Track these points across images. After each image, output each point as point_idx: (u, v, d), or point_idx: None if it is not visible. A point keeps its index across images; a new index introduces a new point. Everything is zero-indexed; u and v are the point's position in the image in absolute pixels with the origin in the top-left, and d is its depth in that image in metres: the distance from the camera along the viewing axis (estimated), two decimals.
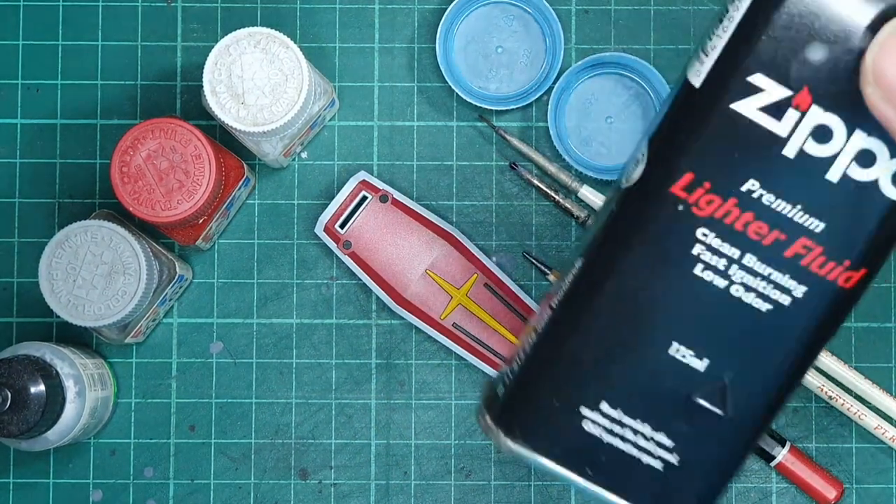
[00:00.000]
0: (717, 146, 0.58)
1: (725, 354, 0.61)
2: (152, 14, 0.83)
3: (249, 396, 0.82)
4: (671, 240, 0.59)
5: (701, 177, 0.59)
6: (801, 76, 0.57)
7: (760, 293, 0.60)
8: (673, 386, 0.61)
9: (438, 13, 0.83)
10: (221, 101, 0.75)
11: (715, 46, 0.58)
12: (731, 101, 0.57)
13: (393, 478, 0.81)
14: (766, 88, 0.57)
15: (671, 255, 0.60)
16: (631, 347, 0.61)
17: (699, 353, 0.61)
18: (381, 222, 0.80)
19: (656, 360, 0.61)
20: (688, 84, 0.59)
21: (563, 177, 0.82)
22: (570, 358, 0.62)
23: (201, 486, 0.81)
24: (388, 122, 0.83)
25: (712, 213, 0.59)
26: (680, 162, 0.59)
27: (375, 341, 0.82)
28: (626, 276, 0.60)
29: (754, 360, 0.61)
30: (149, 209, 0.75)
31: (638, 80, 0.82)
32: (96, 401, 0.78)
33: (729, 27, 0.57)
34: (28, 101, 0.83)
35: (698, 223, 0.59)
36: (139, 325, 0.78)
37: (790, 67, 0.57)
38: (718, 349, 0.61)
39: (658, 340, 0.61)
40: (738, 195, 0.59)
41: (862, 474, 0.81)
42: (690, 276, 0.60)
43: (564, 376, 0.62)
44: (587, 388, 0.62)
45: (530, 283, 0.82)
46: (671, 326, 0.61)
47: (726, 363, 0.61)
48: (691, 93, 0.58)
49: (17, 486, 0.81)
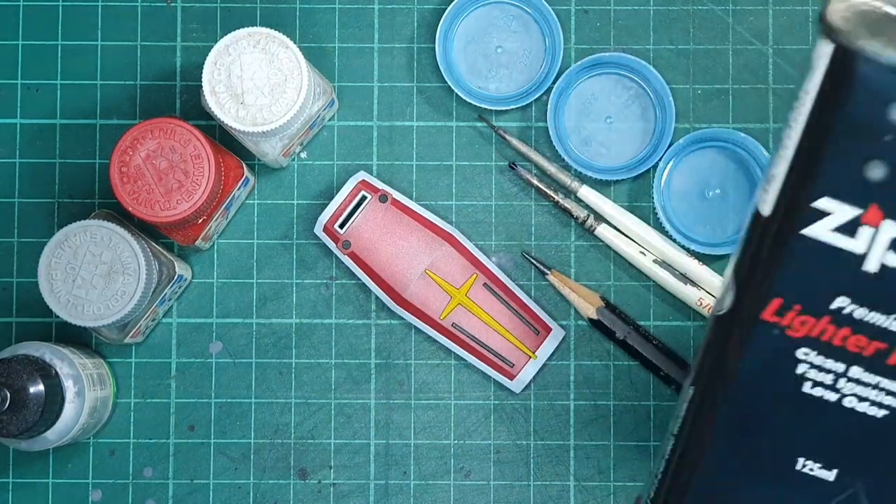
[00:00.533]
0: (798, 270, 0.59)
1: (852, 462, 0.62)
2: (152, 14, 0.83)
3: (249, 396, 0.82)
4: (773, 363, 0.60)
5: (789, 301, 0.59)
6: (867, 195, 0.57)
7: (873, 401, 0.61)
8: (808, 499, 0.62)
9: (438, 13, 0.83)
10: (221, 101, 0.75)
11: (776, 175, 0.58)
12: (800, 228, 0.58)
13: (392, 478, 0.81)
14: (833, 211, 0.58)
15: (776, 378, 0.61)
16: (758, 469, 0.62)
17: (827, 465, 0.62)
18: (380, 222, 0.80)
19: (786, 477, 0.62)
20: (758, 213, 0.59)
21: (562, 177, 0.82)
22: (701, 485, 0.63)
23: (201, 486, 0.81)
24: (387, 123, 0.83)
25: (808, 333, 0.60)
26: (765, 289, 0.59)
27: (375, 341, 0.82)
28: (737, 404, 0.61)
29: (881, 464, 0.61)
30: (148, 209, 0.75)
31: (637, 80, 0.82)
32: (95, 401, 0.78)
33: (786, 155, 0.57)
34: (28, 101, 0.83)
35: (797, 344, 0.60)
36: (138, 325, 0.78)
37: (853, 189, 0.57)
38: (844, 459, 0.62)
39: (783, 458, 0.62)
40: (831, 313, 0.59)
41: None
42: (800, 395, 0.61)
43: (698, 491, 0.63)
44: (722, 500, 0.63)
45: (530, 283, 0.82)
46: (792, 444, 0.62)
47: (855, 470, 0.62)
48: (762, 221, 0.59)
49: (16, 485, 0.81)
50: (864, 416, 0.61)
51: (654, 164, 0.82)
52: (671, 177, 0.82)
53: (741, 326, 0.61)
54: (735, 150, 0.81)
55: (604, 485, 0.81)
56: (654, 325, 0.82)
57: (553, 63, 0.82)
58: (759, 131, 0.82)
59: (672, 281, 0.81)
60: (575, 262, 0.82)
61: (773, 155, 0.59)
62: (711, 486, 0.63)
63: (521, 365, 0.80)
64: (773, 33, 0.83)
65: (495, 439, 0.81)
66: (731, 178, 0.82)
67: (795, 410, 0.61)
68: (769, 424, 0.62)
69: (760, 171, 0.81)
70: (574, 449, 0.81)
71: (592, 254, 0.82)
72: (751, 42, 0.83)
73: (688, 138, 0.81)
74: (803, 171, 0.57)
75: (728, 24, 0.83)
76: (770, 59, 0.83)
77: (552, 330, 0.81)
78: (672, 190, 0.82)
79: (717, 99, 0.82)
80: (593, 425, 0.81)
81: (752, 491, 0.63)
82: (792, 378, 0.61)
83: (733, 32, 0.83)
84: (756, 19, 0.83)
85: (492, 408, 0.82)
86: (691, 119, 0.82)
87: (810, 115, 0.57)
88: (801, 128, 0.57)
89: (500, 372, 0.80)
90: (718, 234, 0.81)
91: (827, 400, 0.61)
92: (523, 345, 0.80)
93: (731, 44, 0.83)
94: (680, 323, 0.82)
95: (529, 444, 0.81)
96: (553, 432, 0.81)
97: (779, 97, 0.82)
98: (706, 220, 0.82)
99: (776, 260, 0.59)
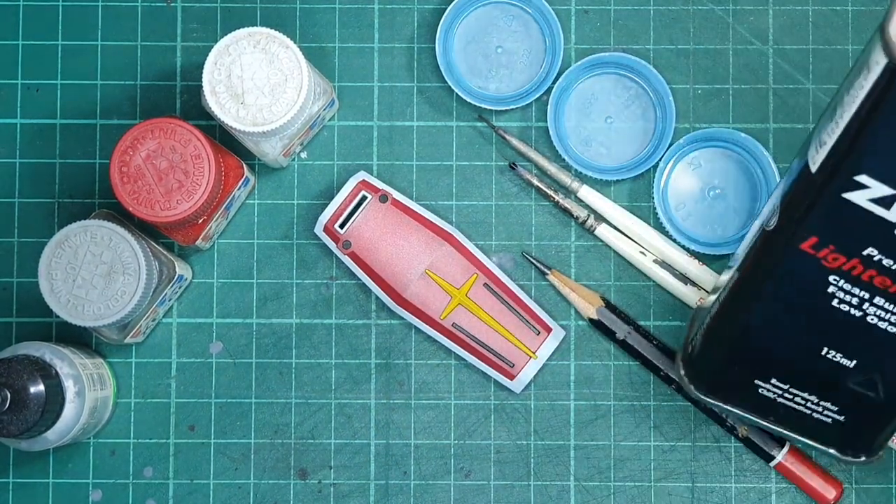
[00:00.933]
0: (835, 221, 0.67)
1: (870, 357, 0.72)
2: (152, 14, 0.83)
3: (249, 396, 0.82)
4: (808, 280, 0.69)
5: (824, 240, 0.68)
6: None
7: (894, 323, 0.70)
8: (830, 374, 0.73)
9: (438, 13, 0.83)
10: (221, 101, 0.75)
11: (825, 142, 0.66)
12: (842, 192, 0.66)
13: (392, 478, 0.81)
14: (872, 186, 0.65)
15: (809, 290, 0.70)
16: (788, 345, 0.72)
17: (848, 356, 0.72)
18: (380, 222, 0.80)
19: (812, 357, 0.72)
20: (807, 165, 0.67)
21: (562, 177, 0.82)
22: (738, 347, 0.73)
23: (201, 486, 0.81)
24: (387, 122, 0.83)
25: (840, 267, 0.68)
26: (804, 227, 0.68)
27: (375, 341, 0.82)
28: (772, 297, 0.71)
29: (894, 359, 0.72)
30: (148, 209, 0.75)
31: (637, 80, 0.82)
32: (96, 401, 0.78)
33: (836, 130, 0.65)
34: (28, 101, 0.83)
35: (829, 272, 0.69)
36: (139, 325, 0.78)
37: (891, 172, 0.65)
38: (863, 354, 0.72)
39: (810, 345, 0.72)
40: (861, 257, 0.68)
41: (861, 474, 0.81)
42: (829, 306, 0.70)
43: (734, 358, 0.74)
44: (756, 370, 0.74)
45: (530, 283, 0.82)
46: (819, 337, 0.71)
47: (872, 363, 0.72)
48: (809, 174, 0.67)
49: (16, 485, 0.81)
50: (883, 330, 0.70)
51: (654, 164, 0.82)
52: (671, 177, 0.82)
53: (782, 247, 0.69)
54: (735, 150, 0.81)
55: (604, 485, 0.81)
56: (654, 325, 0.82)
57: (553, 63, 0.82)
58: (759, 131, 0.82)
59: (672, 281, 0.81)
60: (575, 262, 0.82)
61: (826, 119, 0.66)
62: (745, 346, 0.73)
63: (521, 365, 0.80)
64: (773, 33, 0.83)
65: (495, 439, 0.81)
66: (731, 178, 0.82)
67: (824, 316, 0.70)
68: (800, 318, 0.71)
69: (761, 171, 0.81)
70: (574, 449, 0.81)
71: (592, 254, 0.82)
72: (751, 42, 0.83)
73: (688, 138, 0.81)
74: (848, 150, 0.65)
75: (728, 24, 0.83)
76: (770, 59, 0.83)
77: (552, 330, 0.81)
78: (672, 190, 0.82)
79: (717, 99, 0.82)
80: (593, 425, 0.81)
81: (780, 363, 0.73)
82: (823, 294, 0.69)
83: (733, 32, 0.83)
84: (756, 19, 0.83)
85: (492, 408, 0.82)
86: (691, 119, 0.82)
87: (860, 107, 0.64)
88: (852, 114, 0.64)
89: (501, 372, 0.80)
90: (718, 234, 0.81)
91: (853, 314, 0.70)
92: (523, 345, 0.80)
93: (731, 44, 0.83)
94: (680, 323, 0.82)
95: (529, 444, 0.81)
96: (553, 432, 0.81)
97: (779, 97, 0.82)
98: (706, 220, 0.82)
99: (817, 209, 0.67)
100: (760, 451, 0.80)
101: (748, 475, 0.81)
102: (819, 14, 0.83)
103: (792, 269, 0.69)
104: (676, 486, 0.81)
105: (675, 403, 0.81)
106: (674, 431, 0.81)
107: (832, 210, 0.66)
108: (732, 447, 0.81)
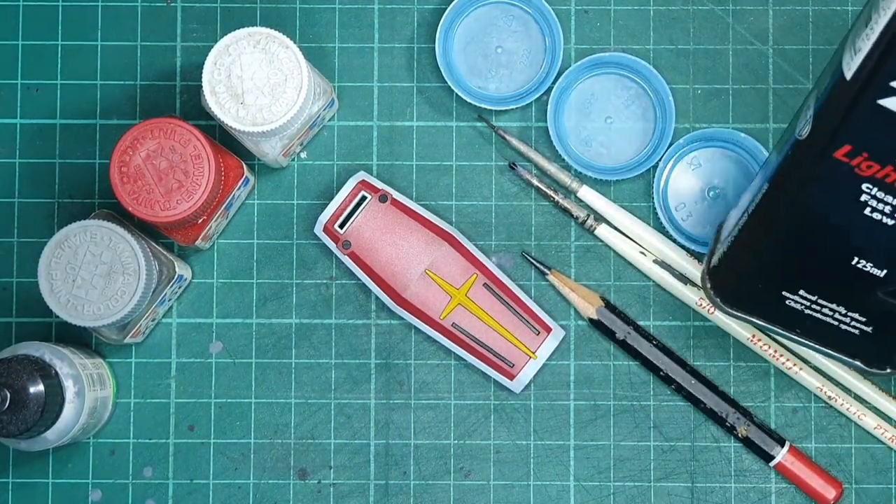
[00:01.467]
0: (870, 128, 0.66)
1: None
2: (152, 14, 0.83)
3: (249, 396, 0.82)
4: (840, 188, 0.68)
5: (858, 148, 0.66)
6: None
7: None
8: (859, 284, 0.72)
9: (438, 13, 0.83)
10: (221, 101, 0.75)
11: (860, 49, 0.64)
12: (877, 98, 0.64)
13: (392, 478, 0.81)
14: None
15: (841, 198, 0.69)
16: (818, 255, 0.72)
17: (878, 265, 0.71)
18: (380, 222, 0.80)
19: (842, 266, 0.72)
20: (841, 73, 0.66)
21: (562, 177, 0.82)
22: (767, 258, 0.73)
23: (200, 486, 0.81)
24: (387, 123, 0.83)
25: (874, 174, 0.67)
26: (838, 135, 0.67)
27: (375, 341, 0.82)
28: (804, 207, 0.70)
29: None
30: (148, 209, 0.75)
31: (637, 80, 0.82)
32: (95, 401, 0.78)
33: (871, 35, 0.64)
34: (28, 101, 0.83)
35: (862, 180, 0.68)
36: (138, 325, 0.78)
37: None
38: (894, 263, 0.71)
39: (840, 254, 0.71)
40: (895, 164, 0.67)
41: (861, 474, 0.81)
42: (861, 215, 0.69)
43: (762, 269, 0.74)
44: (784, 280, 0.74)
45: (530, 283, 0.82)
46: (850, 246, 0.71)
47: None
48: (844, 81, 0.66)
49: (16, 485, 0.81)
50: None
51: (654, 164, 0.82)
52: (671, 177, 0.82)
53: (816, 156, 0.68)
54: (735, 150, 0.81)
55: (604, 485, 0.81)
56: (654, 325, 0.82)
57: (553, 63, 0.82)
58: (759, 131, 0.82)
59: (672, 281, 0.81)
60: (575, 262, 0.82)
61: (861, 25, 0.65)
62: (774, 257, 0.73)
63: (521, 365, 0.80)
64: (773, 33, 0.83)
65: (495, 439, 0.81)
66: (731, 178, 0.82)
67: (856, 224, 0.69)
68: (833, 226, 0.70)
69: None
70: (574, 449, 0.81)
71: (592, 254, 0.82)
72: (751, 42, 0.83)
73: (687, 138, 0.81)
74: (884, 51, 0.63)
75: (728, 24, 0.83)
76: (770, 59, 0.83)
77: (552, 330, 0.81)
78: (672, 190, 0.82)
79: (717, 99, 0.82)
80: (593, 425, 0.81)
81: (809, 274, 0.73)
82: (855, 202, 0.68)
83: (733, 32, 0.83)
84: (756, 19, 0.83)
85: (492, 408, 0.82)
86: (691, 119, 0.82)
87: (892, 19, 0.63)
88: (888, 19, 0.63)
89: (500, 372, 0.80)
90: None
91: (885, 223, 0.69)
92: (523, 345, 0.80)
93: (731, 44, 0.83)
94: (680, 323, 0.82)
95: (529, 444, 0.81)
96: (553, 432, 0.81)
97: (779, 97, 0.82)
98: (706, 220, 0.82)
99: (851, 116, 0.66)
100: (760, 451, 0.80)
101: (748, 475, 0.81)
102: (819, 14, 0.83)
103: (824, 178, 0.68)
104: (676, 486, 0.81)
105: (675, 403, 0.81)
106: (673, 431, 0.81)
107: (867, 117, 0.66)
108: (732, 447, 0.81)
